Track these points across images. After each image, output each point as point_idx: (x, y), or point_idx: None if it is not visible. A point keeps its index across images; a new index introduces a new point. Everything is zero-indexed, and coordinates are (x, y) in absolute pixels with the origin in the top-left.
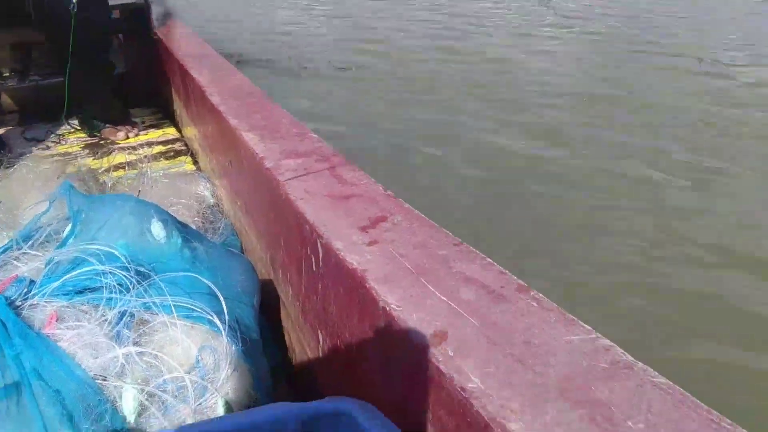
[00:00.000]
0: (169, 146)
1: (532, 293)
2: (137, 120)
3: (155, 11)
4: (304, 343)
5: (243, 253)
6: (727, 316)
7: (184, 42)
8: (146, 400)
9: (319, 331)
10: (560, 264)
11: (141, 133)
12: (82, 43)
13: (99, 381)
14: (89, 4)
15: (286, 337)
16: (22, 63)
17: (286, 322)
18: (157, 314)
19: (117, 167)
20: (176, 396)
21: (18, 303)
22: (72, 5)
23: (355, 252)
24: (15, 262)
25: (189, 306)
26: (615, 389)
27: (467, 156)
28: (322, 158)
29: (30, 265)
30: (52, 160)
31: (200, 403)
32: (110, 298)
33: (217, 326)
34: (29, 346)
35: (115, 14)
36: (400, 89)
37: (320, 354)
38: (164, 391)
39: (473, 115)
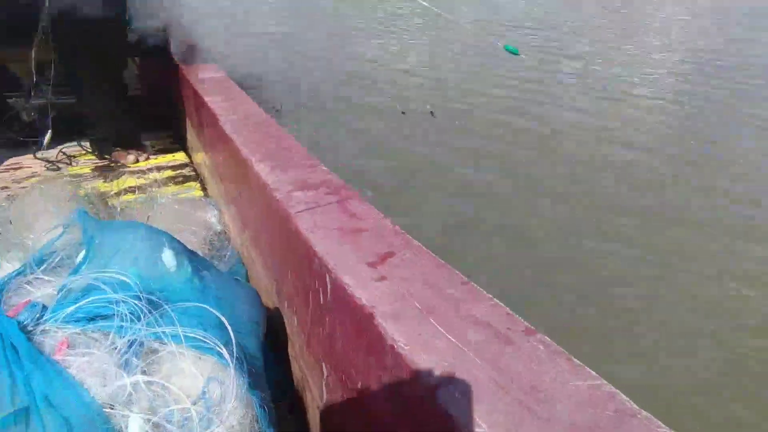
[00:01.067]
0: (179, 171)
1: (538, 336)
2: (147, 144)
3: (175, 37)
4: (308, 376)
5: (248, 281)
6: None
7: (200, 68)
8: (152, 429)
9: (323, 365)
10: None
11: (151, 157)
12: (96, 64)
13: (107, 409)
14: (106, 25)
15: (291, 369)
16: (35, 81)
17: (290, 353)
18: (167, 344)
19: (127, 191)
20: (182, 427)
21: (30, 328)
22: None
23: (363, 288)
24: (28, 286)
25: (198, 337)
26: None
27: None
28: (332, 191)
29: (43, 290)
30: (62, 181)
31: None
32: (121, 327)
33: (224, 358)
34: (40, 371)
35: (133, 37)
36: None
37: (324, 387)
38: (170, 421)
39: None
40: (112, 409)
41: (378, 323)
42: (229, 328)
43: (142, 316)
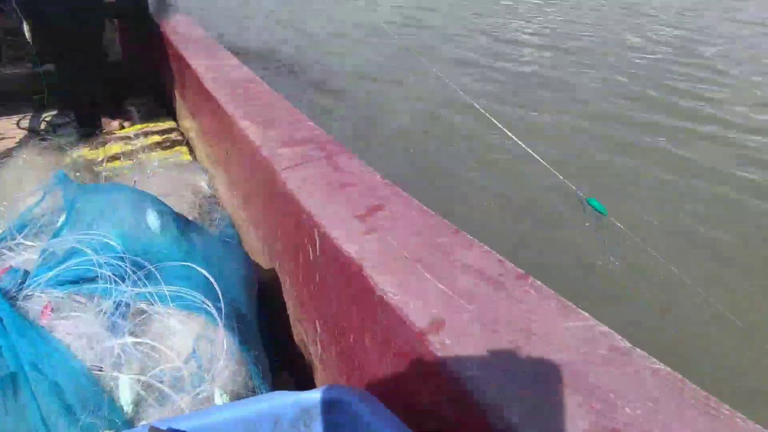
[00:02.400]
0: (165, 136)
1: (530, 281)
2: (132, 109)
3: None
4: (302, 332)
5: (240, 243)
6: None
7: (181, 29)
8: (143, 390)
9: (316, 320)
10: None
11: (137, 122)
12: (73, 30)
13: (95, 372)
14: None
15: (284, 326)
16: (16, 50)
17: (284, 312)
18: (153, 304)
19: (112, 158)
20: (173, 386)
21: (12, 294)
22: None
23: (352, 241)
24: (9, 252)
25: (185, 296)
26: (613, 375)
27: None
28: (318, 146)
29: (24, 255)
30: (46, 150)
31: (197, 393)
32: (106, 289)
33: (213, 316)
34: (25, 337)
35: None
36: None
37: (318, 343)
38: (161, 381)
39: None
40: (101, 371)
41: (367, 275)
42: (216, 286)
43: (127, 278)
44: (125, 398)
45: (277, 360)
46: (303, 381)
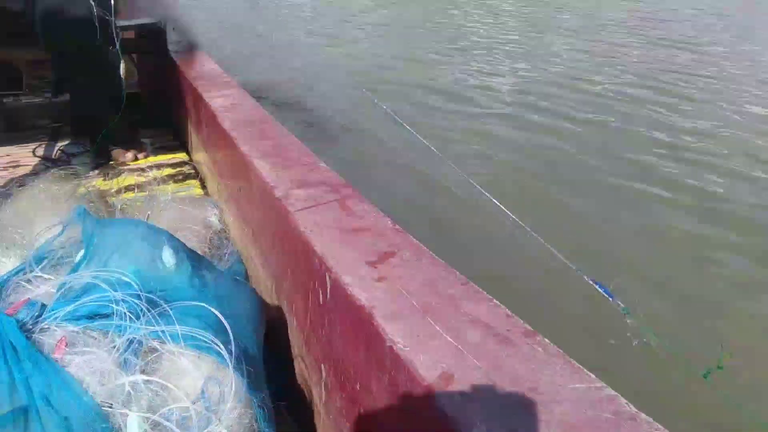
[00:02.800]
0: (178, 169)
1: (538, 338)
2: (146, 142)
3: (171, 33)
4: (307, 375)
5: (248, 280)
6: None
7: (198, 65)
8: (151, 429)
9: (322, 365)
10: None
11: (150, 155)
12: (87, 62)
13: (105, 408)
14: (95, 24)
15: (290, 369)
16: (30, 81)
17: (289, 353)
18: (166, 343)
19: (126, 189)
20: (181, 426)
21: (29, 326)
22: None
23: (363, 287)
24: (27, 284)
25: (197, 336)
26: None
27: None
28: (331, 189)
29: (42, 288)
30: (61, 180)
31: None
32: (120, 326)
33: (223, 357)
34: (38, 370)
35: (129, 34)
36: None
37: (323, 387)
38: (169, 420)
39: None
40: (110, 408)
41: (377, 323)
42: (228, 327)
43: (141, 315)
44: None
45: (281, 402)
46: (305, 424)
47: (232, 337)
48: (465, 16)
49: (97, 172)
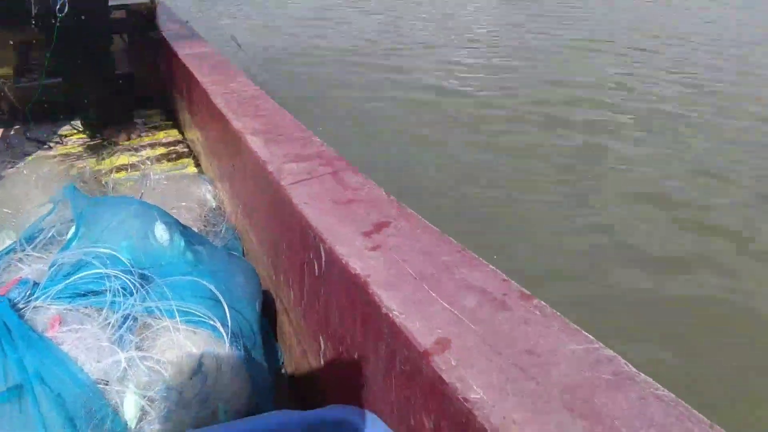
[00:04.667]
0: (172, 148)
1: (534, 301)
2: (139, 121)
3: (161, 12)
4: (305, 348)
5: (244, 256)
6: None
7: (188, 43)
8: (148, 405)
9: (320, 336)
10: None
11: (143, 134)
12: (81, 43)
13: (101, 385)
14: (86, 4)
15: (288, 342)
16: (23, 62)
17: (287, 327)
18: (160, 318)
19: (119, 169)
20: (177, 402)
21: (21, 305)
22: (60, 6)
23: (358, 257)
24: (18, 263)
25: (192, 311)
26: (617, 401)
27: None
28: (325, 162)
29: (33, 267)
30: (54, 161)
31: (202, 409)
32: (113, 302)
33: (219, 332)
34: (32, 349)
35: (120, 14)
36: None
37: (321, 359)
38: (166, 396)
39: None
40: (106, 385)
41: (372, 292)
42: (223, 301)
43: (134, 291)
44: (129, 413)
45: (279, 374)
46: (304, 397)
47: (227, 312)
48: None
49: (89, 152)
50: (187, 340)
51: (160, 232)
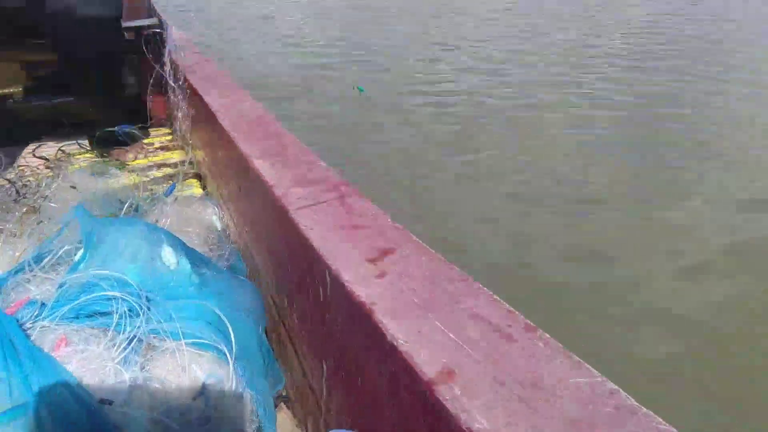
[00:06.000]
0: (178, 169)
1: (538, 333)
2: (147, 141)
3: (171, 34)
4: (307, 371)
5: (248, 278)
6: None
7: (198, 65)
8: (151, 425)
9: (323, 361)
10: None
11: (150, 154)
12: (92, 63)
13: (105, 405)
14: (102, 25)
15: (291, 365)
16: (32, 81)
17: (290, 350)
18: (165, 340)
19: (126, 189)
20: (181, 422)
21: (29, 325)
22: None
23: (363, 284)
24: (27, 284)
25: (197, 333)
26: None
27: None
28: (331, 187)
29: (42, 287)
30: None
31: (205, 431)
32: (119, 323)
33: (223, 354)
34: (38, 368)
35: (131, 35)
36: None
37: (324, 384)
38: (169, 417)
39: None
40: (110, 404)
41: (377, 320)
42: (228, 324)
43: (141, 313)
44: None
45: (282, 397)
46: (305, 419)
47: (232, 334)
48: None
49: (97, 172)
50: (191, 362)
51: (167, 255)
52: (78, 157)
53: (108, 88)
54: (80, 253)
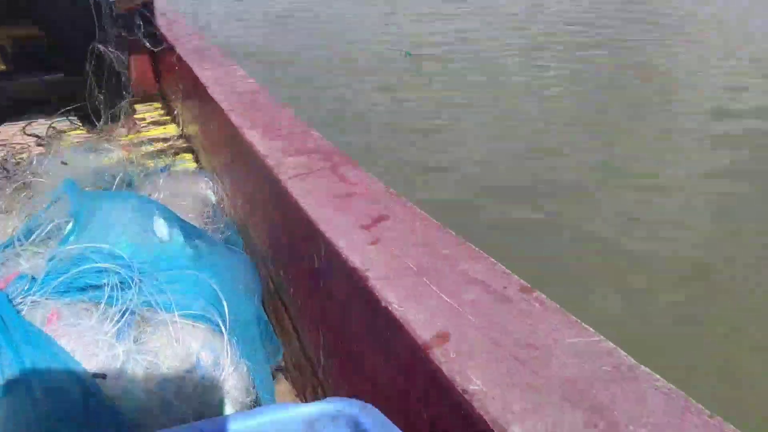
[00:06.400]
0: (171, 143)
1: (535, 294)
2: (139, 116)
3: (160, 8)
4: (304, 341)
5: (244, 250)
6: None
7: (187, 39)
8: (146, 398)
9: (319, 329)
10: None
11: (142, 129)
12: (82, 38)
13: (98, 379)
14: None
15: (287, 335)
16: (22, 58)
17: (286, 320)
18: (159, 312)
19: (118, 164)
20: (176, 395)
21: (19, 300)
22: None
23: (357, 251)
24: (17, 258)
25: (190, 305)
26: (617, 393)
27: None
28: (324, 156)
29: (32, 261)
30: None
31: (201, 403)
32: (111, 296)
33: (218, 325)
34: (29, 343)
35: (120, 10)
36: None
37: (321, 352)
38: (164, 389)
39: None
40: (104, 378)
41: (372, 285)
42: (221, 295)
43: (133, 286)
44: (128, 406)
45: (278, 366)
46: (303, 390)
47: (225, 305)
48: None
49: (89, 149)
50: (185, 334)
51: (160, 227)
52: (69, 133)
53: (97, 64)
54: (70, 226)
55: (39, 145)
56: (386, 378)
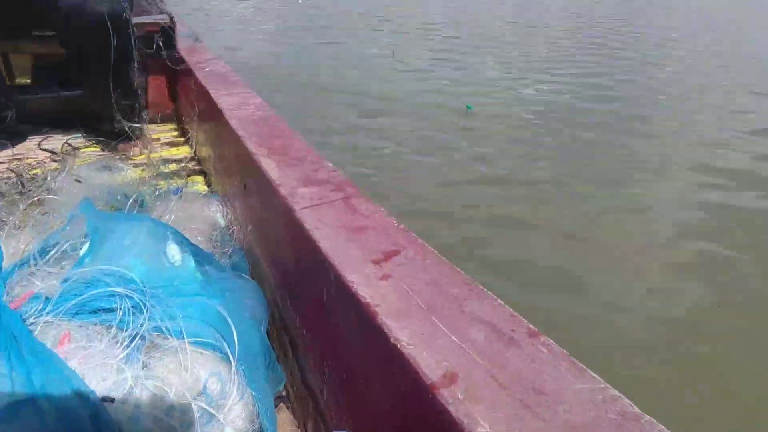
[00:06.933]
0: (183, 165)
1: (542, 339)
2: (154, 137)
3: (181, 31)
4: (309, 372)
5: (252, 277)
6: None
7: (205, 62)
8: (152, 424)
9: (325, 362)
10: None
11: (156, 150)
12: (102, 56)
13: (107, 403)
14: (112, 19)
15: (292, 366)
16: (41, 74)
17: (292, 351)
18: (168, 338)
19: (131, 183)
20: (182, 421)
21: (32, 320)
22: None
23: (367, 285)
24: (31, 278)
25: (200, 332)
26: None
27: None
28: (336, 188)
29: (46, 282)
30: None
31: (206, 430)
32: (123, 320)
33: (225, 354)
34: (40, 364)
35: (141, 30)
36: None
37: (326, 384)
38: (170, 416)
39: None
40: (112, 402)
41: (381, 321)
42: (231, 323)
43: (144, 310)
44: (133, 431)
45: (283, 398)
46: (304, 420)
47: (234, 334)
48: None
49: (103, 167)
50: (194, 362)
51: (173, 251)
52: (84, 150)
53: (116, 83)
54: (86, 247)
55: (54, 160)
56: (390, 415)
